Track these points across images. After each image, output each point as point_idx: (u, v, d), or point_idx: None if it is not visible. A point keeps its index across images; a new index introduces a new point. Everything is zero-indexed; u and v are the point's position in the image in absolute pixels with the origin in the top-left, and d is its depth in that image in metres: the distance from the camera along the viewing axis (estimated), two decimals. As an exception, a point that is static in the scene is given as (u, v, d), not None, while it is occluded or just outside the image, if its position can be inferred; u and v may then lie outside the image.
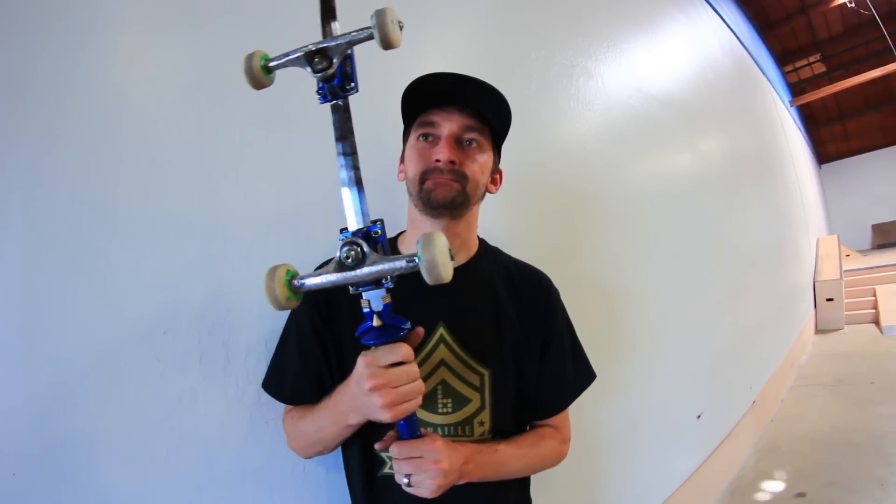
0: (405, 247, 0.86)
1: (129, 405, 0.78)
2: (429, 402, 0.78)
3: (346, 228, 0.58)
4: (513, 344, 0.84)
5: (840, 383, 3.97)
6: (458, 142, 0.78)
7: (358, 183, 0.58)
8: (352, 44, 0.56)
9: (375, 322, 0.59)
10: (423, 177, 0.78)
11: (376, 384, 0.59)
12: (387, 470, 0.78)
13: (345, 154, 0.58)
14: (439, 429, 0.78)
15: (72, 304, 0.76)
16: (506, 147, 0.91)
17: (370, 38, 0.54)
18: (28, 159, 0.75)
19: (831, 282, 6.49)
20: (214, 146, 0.92)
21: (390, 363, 0.60)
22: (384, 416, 0.60)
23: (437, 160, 0.76)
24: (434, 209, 0.78)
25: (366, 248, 0.54)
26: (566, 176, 1.79)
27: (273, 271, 0.53)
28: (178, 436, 0.82)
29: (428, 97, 0.79)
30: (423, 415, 0.78)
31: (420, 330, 0.67)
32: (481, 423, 0.80)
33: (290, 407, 0.84)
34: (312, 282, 0.54)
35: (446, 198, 0.77)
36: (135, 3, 0.89)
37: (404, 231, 0.89)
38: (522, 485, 0.89)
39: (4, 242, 0.73)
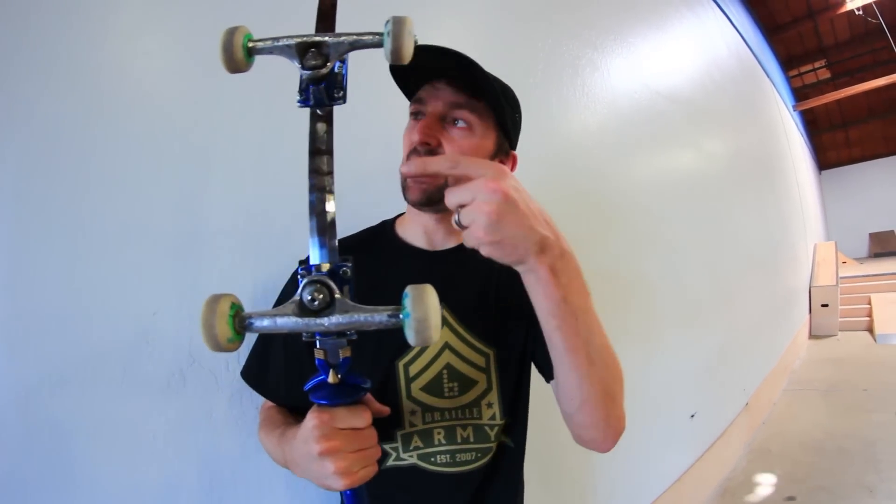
0: (404, 231, 0.82)
1: (116, 387, 0.77)
2: (435, 386, 0.75)
3: (307, 261, 0.46)
4: (516, 319, 0.79)
5: (832, 389, 3.99)
6: (442, 121, 0.70)
7: (328, 211, 0.47)
8: (355, 47, 0.47)
9: (331, 378, 0.49)
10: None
11: (328, 448, 0.50)
12: (392, 462, 0.74)
13: (318, 172, 0.47)
14: (445, 413, 0.75)
15: (60, 285, 0.74)
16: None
17: (378, 45, 0.46)
18: (21, 140, 0.73)
19: (827, 287, 6.52)
20: (212, 126, 0.90)
21: (349, 427, 0.51)
22: (337, 484, 0.51)
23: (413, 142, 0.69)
24: (413, 206, 0.73)
25: (336, 293, 0.44)
26: (567, 166, 1.78)
27: (213, 303, 0.41)
28: (166, 419, 0.80)
29: (416, 71, 0.69)
30: (429, 399, 0.74)
31: (386, 409, 0.58)
32: (489, 405, 0.77)
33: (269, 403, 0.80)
34: (263, 324, 0.43)
35: (419, 199, 0.70)
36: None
37: (403, 213, 0.84)
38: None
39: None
